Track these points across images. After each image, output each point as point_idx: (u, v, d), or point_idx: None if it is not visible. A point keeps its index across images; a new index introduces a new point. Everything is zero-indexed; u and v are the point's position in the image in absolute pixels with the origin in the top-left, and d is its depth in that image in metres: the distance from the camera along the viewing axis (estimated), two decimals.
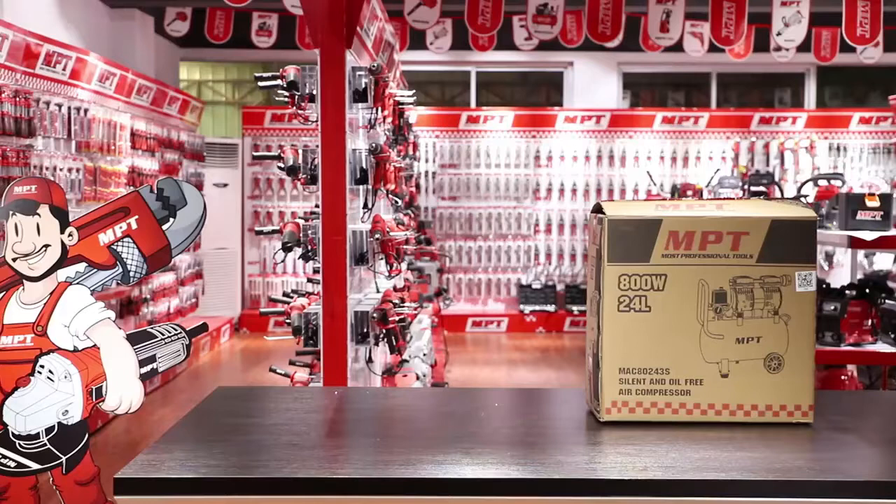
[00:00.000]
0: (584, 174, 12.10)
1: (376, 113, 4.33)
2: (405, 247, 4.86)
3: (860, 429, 2.17)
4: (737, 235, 2.11)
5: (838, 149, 11.94)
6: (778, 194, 9.63)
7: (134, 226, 2.00)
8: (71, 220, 2.00)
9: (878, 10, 7.94)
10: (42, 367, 1.96)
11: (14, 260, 1.97)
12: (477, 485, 1.76)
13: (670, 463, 1.84)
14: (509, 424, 2.28)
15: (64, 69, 6.91)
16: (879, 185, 10.70)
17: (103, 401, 1.99)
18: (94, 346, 1.98)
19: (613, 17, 7.93)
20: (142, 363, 2.01)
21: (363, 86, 4.00)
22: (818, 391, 2.17)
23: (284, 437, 2.01)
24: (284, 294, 4.44)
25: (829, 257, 11.18)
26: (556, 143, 12.10)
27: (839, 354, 4.84)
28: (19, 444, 1.98)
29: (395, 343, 4.33)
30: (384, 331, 4.22)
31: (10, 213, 1.96)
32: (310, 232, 3.92)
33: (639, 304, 2.11)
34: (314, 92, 3.87)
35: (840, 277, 9.97)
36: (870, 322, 4.91)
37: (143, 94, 8.74)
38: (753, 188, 7.94)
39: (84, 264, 1.99)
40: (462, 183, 12.15)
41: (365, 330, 4.02)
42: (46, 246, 1.96)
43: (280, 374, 4.46)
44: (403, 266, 5.58)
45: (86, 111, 7.31)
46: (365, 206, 4.24)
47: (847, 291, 4.99)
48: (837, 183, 6.46)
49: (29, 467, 1.98)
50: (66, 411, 1.98)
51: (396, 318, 4.30)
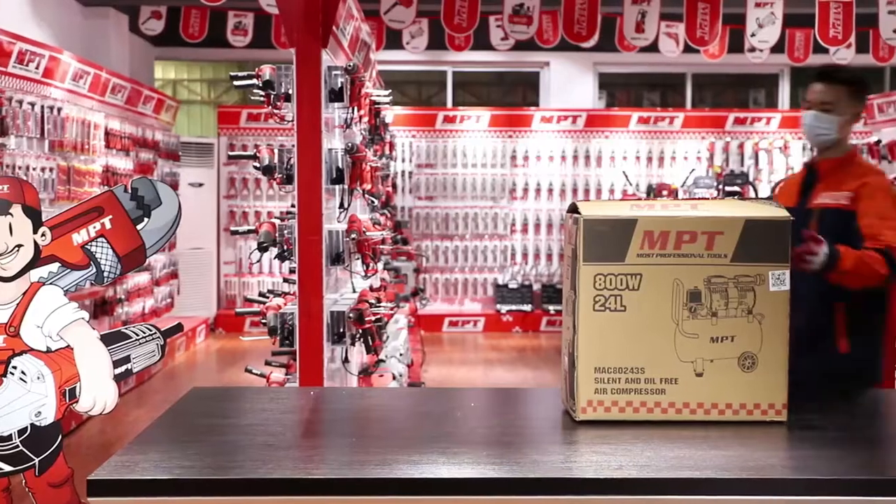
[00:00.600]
0: (561, 174, 12.12)
1: (352, 112, 4.32)
2: (381, 247, 4.85)
3: (833, 427, 2.19)
4: (711, 235, 2.12)
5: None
6: (752, 194, 9.70)
7: (108, 226, 1.99)
8: (44, 219, 1.98)
9: (851, 12, 8.01)
10: (14, 367, 1.94)
11: None
12: (453, 484, 1.76)
13: (645, 462, 1.85)
14: (485, 424, 2.29)
15: (37, 68, 6.85)
16: None
17: (77, 402, 1.97)
18: (68, 346, 1.96)
19: (589, 17, 7.95)
20: (116, 364, 2.00)
21: (339, 85, 3.99)
22: (792, 390, 2.19)
23: (260, 438, 2.00)
24: (260, 294, 4.42)
25: None
26: (533, 143, 12.12)
27: None
28: None
29: (371, 343, 4.32)
30: (360, 331, 4.21)
31: None
32: (286, 232, 3.91)
33: (614, 303, 2.12)
34: (290, 91, 3.86)
35: None
36: None
37: (118, 93, 8.68)
38: (728, 188, 8.00)
39: (57, 264, 1.98)
40: (438, 183, 12.15)
41: (341, 330, 4.01)
42: (19, 246, 1.95)
43: (256, 374, 4.44)
44: (380, 266, 5.57)
45: (59, 110, 7.26)
46: (341, 205, 4.23)
47: None
48: None
49: (1, 469, 1.96)
50: (39, 412, 1.96)
51: (373, 318, 4.29)
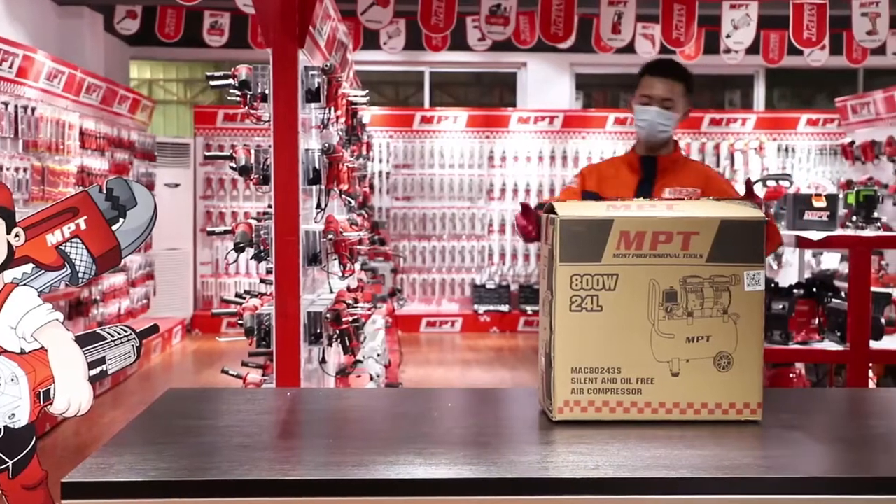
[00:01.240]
0: (538, 174, 12.15)
1: (329, 113, 4.32)
2: (359, 247, 4.85)
3: (808, 426, 2.21)
4: (687, 235, 2.13)
5: (786, 150, 12.12)
6: None
7: (83, 226, 1.97)
8: (18, 220, 1.97)
9: (824, 14, 8.07)
10: None
11: None
12: (429, 485, 1.76)
13: (622, 461, 1.86)
14: (462, 424, 2.29)
15: (10, 67, 6.80)
16: (826, 186, 10.87)
17: (51, 404, 1.95)
18: (42, 348, 1.94)
19: (566, 18, 7.96)
20: (91, 365, 1.98)
21: (316, 86, 3.98)
22: (767, 389, 2.20)
23: (236, 439, 1.99)
24: (237, 295, 4.40)
25: (777, 257, 11.34)
26: (510, 144, 12.14)
27: (787, 353, 4.91)
28: None
29: (348, 344, 4.32)
30: (338, 331, 4.21)
31: None
32: (262, 232, 3.90)
33: (591, 303, 2.12)
34: (266, 91, 3.85)
35: (789, 277, 10.11)
36: (817, 320, 4.98)
37: (93, 93, 8.62)
38: None
39: (31, 265, 1.96)
40: (416, 183, 12.14)
41: (318, 331, 4.00)
42: None
43: (232, 375, 4.43)
44: (357, 266, 5.57)
45: (33, 110, 7.20)
46: (318, 206, 4.22)
47: (795, 290, 5.06)
48: (785, 183, 6.56)
49: None
50: (13, 415, 1.94)
51: (350, 319, 4.28)
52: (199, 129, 11.88)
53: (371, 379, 5.48)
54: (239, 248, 3.90)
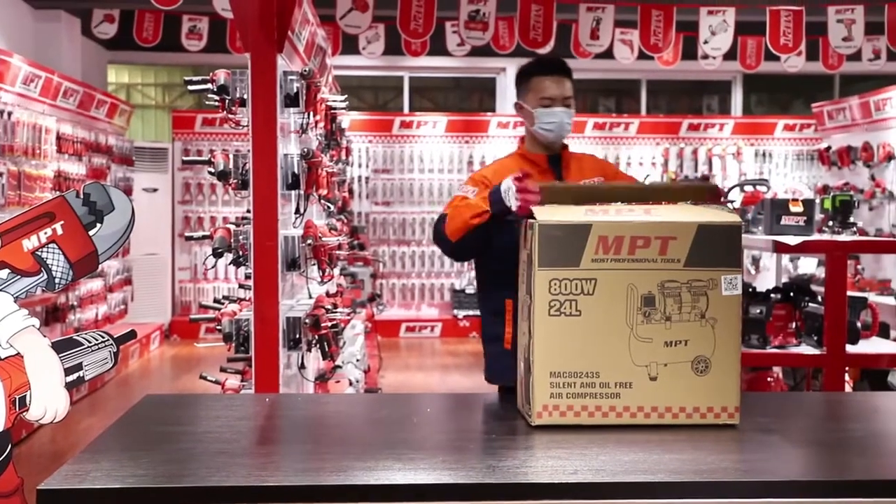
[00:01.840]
0: None
1: (308, 118, 4.31)
2: (338, 252, 4.84)
3: (785, 429, 2.22)
4: (665, 240, 2.14)
5: (764, 155, 12.19)
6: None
7: (59, 231, 1.96)
8: None
9: (801, 21, 8.13)
10: None
11: None
12: (408, 491, 1.76)
13: (600, 466, 1.86)
14: (442, 430, 2.29)
15: None
16: (803, 191, 10.94)
17: (27, 410, 1.94)
18: (18, 354, 1.93)
19: (544, 24, 7.98)
20: (67, 371, 1.97)
21: (295, 90, 3.97)
22: (744, 393, 2.22)
23: (214, 446, 1.99)
24: (215, 300, 4.38)
25: (755, 261, 11.41)
26: (489, 149, 12.15)
27: (765, 357, 4.93)
28: None
29: (327, 349, 4.30)
30: (317, 337, 4.19)
31: None
32: (241, 237, 3.88)
33: (569, 308, 2.13)
34: (245, 96, 3.83)
35: (766, 281, 10.17)
36: (794, 325, 5.01)
37: (70, 97, 8.57)
38: None
39: (7, 271, 1.95)
40: (395, 188, 12.14)
41: (297, 336, 3.98)
42: None
43: (211, 381, 4.40)
44: (336, 271, 5.55)
45: (9, 114, 7.15)
46: (297, 211, 4.21)
47: (772, 295, 5.09)
48: (763, 188, 6.59)
49: None
50: None
51: (329, 324, 4.27)
52: (177, 133, 11.83)
53: (350, 384, 5.47)
54: (217, 254, 3.88)
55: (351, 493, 1.73)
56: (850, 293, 4.99)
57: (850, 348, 4.82)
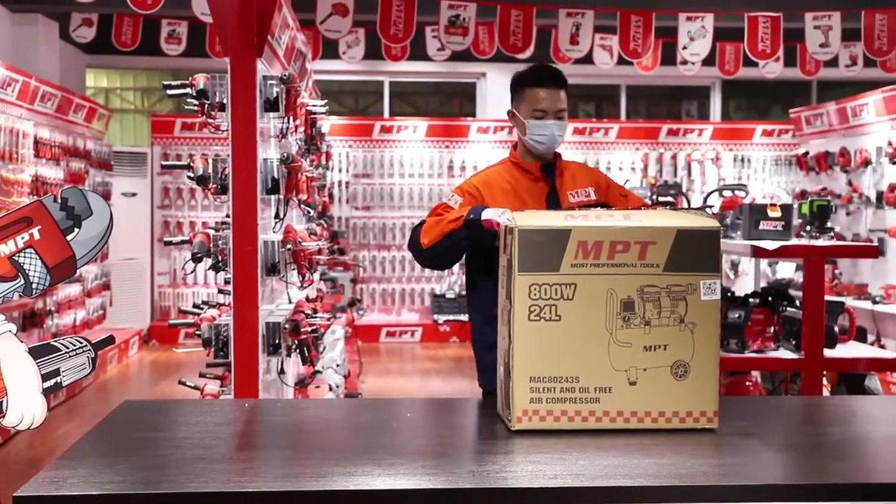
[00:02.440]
0: None
1: (288, 122, 4.30)
2: (318, 257, 4.83)
3: (763, 433, 2.23)
4: (644, 245, 2.15)
5: (742, 160, 12.26)
6: (685, 204, 9.84)
7: (37, 236, 1.95)
8: None
9: (778, 27, 8.18)
10: None
11: None
12: (388, 496, 1.75)
13: (580, 470, 1.87)
14: (422, 435, 2.29)
15: None
16: (781, 196, 11.02)
17: (3, 416, 1.93)
18: None
19: (524, 29, 8.01)
20: (45, 377, 1.95)
21: (274, 95, 3.97)
22: (723, 397, 2.23)
23: (193, 451, 1.98)
24: (195, 305, 4.36)
25: (734, 266, 11.46)
26: (470, 153, 12.17)
27: (743, 361, 4.96)
28: None
29: (307, 354, 4.29)
30: (296, 342, 4.18)
31: None
32: (220, 242, 3.87)
33: (549, 313, 2.13)
34: (224, 101, 3.82)
35: (745, 286, 10.23)
36: (772, 329, 5.04)
37: (48, 102, 8.52)
38: (661, 198, 8.09)
39: None
40: (376, 193, 12.13)
41: (277, 341, 3.97)
42: None
43: (190, 386, 4.38)
44: (316, 276, 5.54)
45: None
46: (277, 216, 4.20)
47: (751, 299, 5.12)
48: (741, 194, 6.63)
49: None
50: None
51: (309, 329, 4.26)
52: (156, 138, 11.79)
53: (330, 389, 5.46)
54: (197, 259, 3.87)
55: (330, 499, 1.73)
56: (827, 298, 5.02)
57: (827, 352, 4.85)
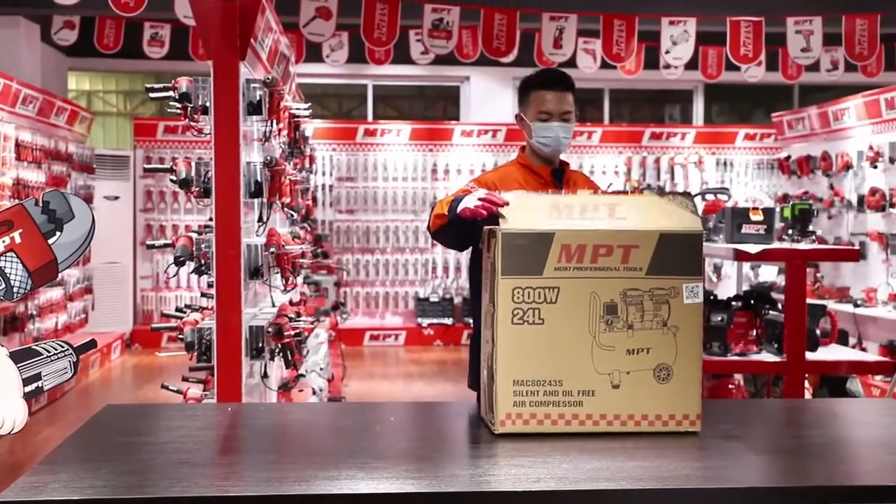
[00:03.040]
0: None
1: (271, 126, 4.29)
2: (301, 260, 4.82)
3: (746, 436, 2.24)
4: (627, 248, 2.15)
5: (725, 164, 12.31)
6: None
7: (18, 240, 1.94)
8: None
9: (760, 31, 8.23)
10: None
11: None
12: (371, 500, 1.75)
13: (563, 474, 1.87)
14: (405, 438, 2.29)
15: None
16: (763, 200, 11.07)
17: None
18: None
19: (508, 33, 8.02)
20: (26, 382, 1.94)
21: (258, 98, 3.96)
22: (706, 400, 2.23)
23: (175, 456, 1.97)
24: (177, 309, 4.35)
25: (717, 269, 11.51)
26: (453, 157, 12.17)
27: (726, 364, 4.98)
28: None
29: (290, 358, 4.29)
30: (280, 345, 4.17)
31: None
32: (203, 246, 3.86)
33: (532, 316, 2.14)
34: (207, 104, 3.82)
35: (728, 289, 10.27)
36: (755, 332, 5.06)
37: (29, 104, 8.47)
38: None
39: None
40: (359, 196, 12.12)
41: (260, 345, 3.96)
42: None
43: (172, 390, 4.36)
44: (299, 280, 5.53)
45: None
46: (260, 219, 4.19)
47: (733, 303, 5.14)
48: (724, 197, 6.66)
49: None
50: None
51: (292, 333, 4.26)
52: (139, 141, 11.74)
53: (314, 393, 5.45)
54: (179, 262, 3.86)
55: (314, 503, 1.72)
56: (809, 301, 5.05)
57: (809, 355, 4.87)
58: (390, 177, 12.15)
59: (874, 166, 9.11)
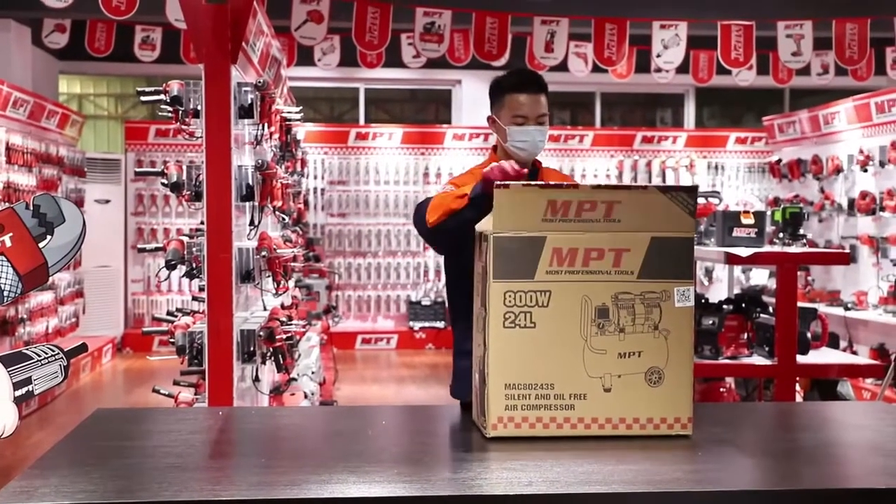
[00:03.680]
0: None
1: (263, 129, 4.29)
2: (293, 264, 4.81)
3: (737, 440, 2.24)
4: (618, 252, 2.16)
5: (716, 167, 12.34)
6: None
7: (8, 243, 1.93)
8: None
9: (751, 35, 8.25)
10: None
11: None
12: None
13: (555, 477, 1.87)
14: (397, 442, 2.29)
15: None
16: (754, 203, 11.08)
17: None
18: None
19: (499, 36, 8.03)
20: (16, 386, 1.94)
21: (249, 102, 3.95)
22: (697, 403, 2.24)
23: (166, 460, 1.96)
24: (169, 313, 4.34)
25: (708, 273, 11.53)
26: (445, 160, 12.18)
27: (717, 367, 4.98)
28: None
29: (282, 361, 4.28)
30: (271, 349, 4.17)
31: None
32: (194, 249, 3.85)
33: (524, 320, 2.14)
34: (199, 107, 3.81)
35: (719, 292, 10.28)
36: (746, 335, 5.07)
37: (20, 108, 8.45)
38: None
39: None
40: (351, 199, 12.11)
41: (251, 348, 3.96)
42: None
43: (163, 394, 4.36)
44: (291, 283, 5.52)
45: None
46: (251, 223, 4.18)
47: (724, 306, 5.15)
48: (715, 201, 6.67)
49: None
50: None
51: (284, 336, 4.25)
52: (130, 144, 11.72)
53: (305, 397, 5.44)
54: (171, 266, 3.85)
55: None
56: (800, 304, 5.06)
57: (800, 359, 4.89)
58: (382, 180, 12.15)
59: (864, 170, 9.14)
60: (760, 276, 10.09)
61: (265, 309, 4.40)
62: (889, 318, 8.25)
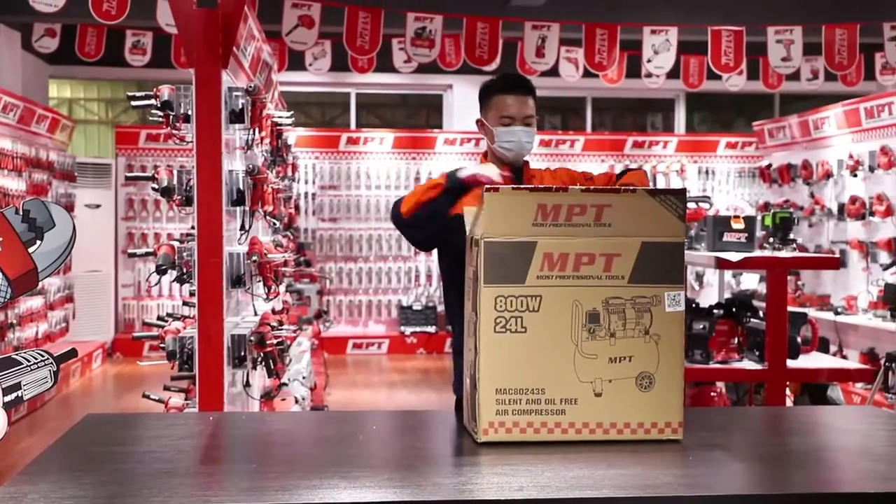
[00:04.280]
0: None
1: (253, 134, 4.29)
2: (284, 269, 4.81)
3: (728, 444, 2.25)
4: (609, 257, 2.16)
5: (707, 172, 12.38)
6: None
7: None
8: None
9: (741, 41, 8.28)
10: None
11: None
12: None
13: (546, 482, 1.87)
14: (388, 447, 2.28)
15: None
16: (744, 208, 11.11)
17: None
18: None
19: (490, 41, 8.04)
20: (5, 391, 1.93)
21: (240, 106, 3.95)
22: (688, 408, 2.24)
23: (156, 465, 1.96)
24: (159, 318, 4.33)
25: (699, 277, 11.55)
26: (436, 165, 12.18)
27: (708, 372, 5.00)
28: None
29: (273, 366, 4.27)
30: (262, 354, 4.16)
31: None
32: (185, 254, 3.84)
33: (515, 325, 2.14)
34: (189, 112, 3.81)
35: (710, 297, 10.30)
36: (736, 340, 5.08)
37: (10, 112, 8.43)
38: None
39: None
40: (342, 204, 12.11)
41: (242, 353, 3.95)
42: None
43: (154, 399, 4.35)
44: (282, 288, 5.52)
45: None
46: (242, 227, 4.18)
47: (715, 311, 5.16)
48: (705, 205, 6.68)
49: None
50: None
51: (274, 341, 4.24)
52: (120, 149, 11.70)
53: (296, 402, 5.43)
54: (161, 271, 3.84)
55: None
56: (790, 309, 5.07)
57: (790, 363, 4.90)
58: (373, 185, 12.15)
59: (854, 175, 9.17)
60: (751, 281, 10.11)
61: (256, 314, 4.40)
62: (879, 323, 8.27)
